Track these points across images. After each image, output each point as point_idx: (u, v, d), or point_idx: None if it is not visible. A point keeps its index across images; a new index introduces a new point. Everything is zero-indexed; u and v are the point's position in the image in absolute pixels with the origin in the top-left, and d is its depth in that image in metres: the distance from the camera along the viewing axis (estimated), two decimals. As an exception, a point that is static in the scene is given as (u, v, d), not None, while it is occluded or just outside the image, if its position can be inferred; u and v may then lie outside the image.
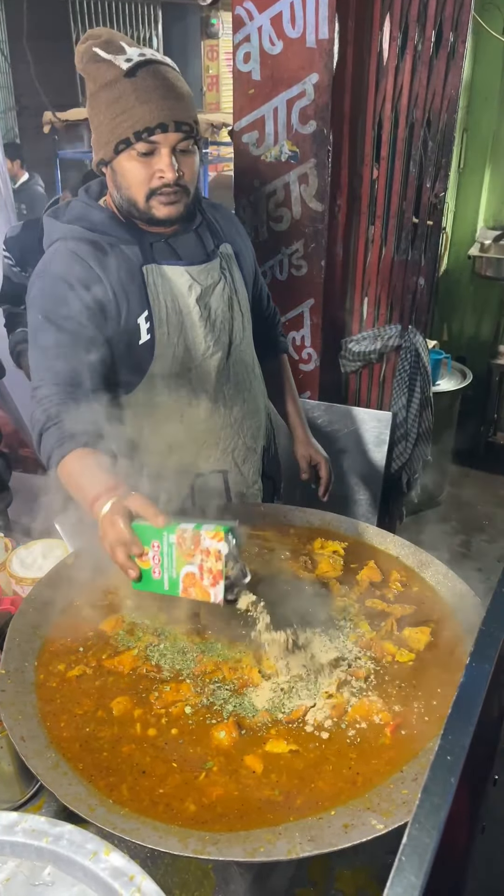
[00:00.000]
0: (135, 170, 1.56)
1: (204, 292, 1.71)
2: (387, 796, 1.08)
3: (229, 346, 1.80)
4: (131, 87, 1.50)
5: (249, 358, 1.88)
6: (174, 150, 1.54)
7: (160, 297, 1.66)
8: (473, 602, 1.46)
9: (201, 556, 1.20)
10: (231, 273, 1.79)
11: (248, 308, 1.84)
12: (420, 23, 2.57)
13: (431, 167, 2.72)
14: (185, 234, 1.72)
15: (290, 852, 0.99)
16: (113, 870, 0.96)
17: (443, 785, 0.72)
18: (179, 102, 1.53)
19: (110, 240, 1.64)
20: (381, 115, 2.72)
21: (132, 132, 1.51)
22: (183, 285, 1.69)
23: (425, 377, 3.05)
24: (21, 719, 1.20)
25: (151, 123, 1.50)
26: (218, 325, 1.76)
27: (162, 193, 1.57)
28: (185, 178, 1.58)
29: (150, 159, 1.54)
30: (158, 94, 1.50)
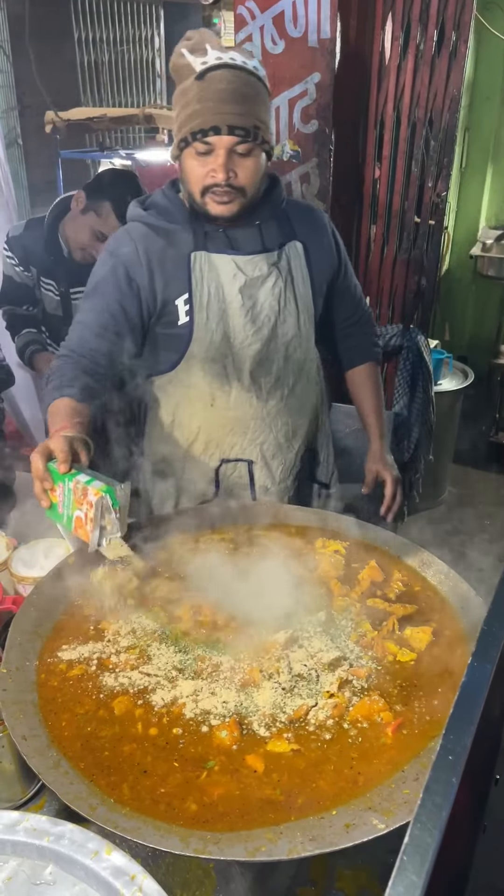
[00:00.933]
0: (193, 167, 1.66)
1: (249, 283, 1.77)
2: (388, 796, 1.08)
3: (271, 339, 1.82)
4: (197, 89, 1.59)
5: (300, 356, 1.89)
6: (230, 152, 1.62)
7: (203, 283, 1.75)
8: (475, 602, 1.46)
9: (86, 506, 1.40)
10: (291, 269, 1.82)
11: (309, 307, 1.86)
12: (422, 22, 2.57)
13: (433, 166, 2.72)
14: (246, 228, 1.77)
15: (292, 852, 0.99)
16: (114, 869, 0.96)
17: (444, 785, 0.71)
18: (239, 107, 1.59)
19: (168, 226, 1.76)
20: (382, 114, 2.72)
21: (190, 132, 1.61)
22: (228, 274, 1.76)
23: (427, 377, 3.05)
24: (22, 718, 1.20)
25: (206, 125, 1.59)
26: (262, 318, 1.80)
27: (214, 192, 1.66)
28: (238, 180, 1.65)
29: (207, 158, 1.63)
30: (219, 97, 1.58)
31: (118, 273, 1.75)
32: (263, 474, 1.95)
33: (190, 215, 1.76)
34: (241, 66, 1.60)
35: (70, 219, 2.65)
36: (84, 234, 2.57)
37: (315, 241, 1.87)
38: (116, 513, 1.42)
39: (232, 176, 1.64)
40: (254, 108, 1.62)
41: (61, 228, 2.69)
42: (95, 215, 2.53)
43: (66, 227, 2.67)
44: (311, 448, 2.05)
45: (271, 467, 1.96)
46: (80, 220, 2.59)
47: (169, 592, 1.52)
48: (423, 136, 2.69)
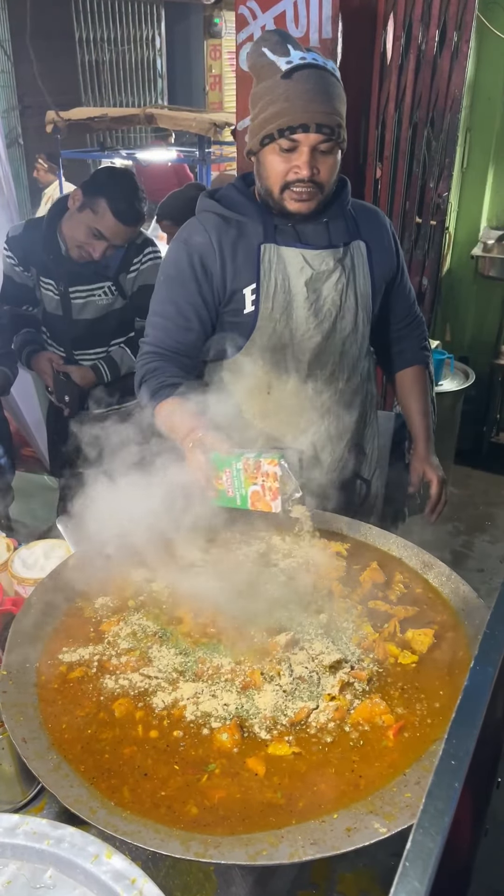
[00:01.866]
0: (275, 163, 1.69)
1: (315, 277, 1.80)
2: (390, 799, 1.07)
3: (331, 334, 1.86)
4: (285, 87, 1.62)
5: (355, 352, 1.93)
6: (314, 150, 1.65)
7: (271, 274, 1.79)
8: (477, 604, 1.45)
9: (262, 478, 1.49)
10: (354, 267, 1.86)
11: (368, 305, 1.90)
12: (424, 22, 2.57)
13: (435, 167, 2.72)
14: (315, 224, 1.81)
15: (293, 856, 0.98)
16: (114, 873, 0.96)
17: (447, 790, 0.71)
18: (325, 106, 1.62)
19: (240, 217, 1.80)
20: (384, 114, 2.71)
21: (277, 129, 1.64)
22: (295, 266, 1.80)
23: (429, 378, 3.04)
24: (23, 721, 1.19)
25: (294, 123, 1.62)
26: (324, 312, 1.83)
27: (295, 188, 1.69)
28: (320, 177, 1.69)
29: (290, 155, 1.67)
30: (307, 96, 1.61)
31: (193, 262, 1.80)
32: (312, 464, 1.98)
33: (261, 208, 1.80)
34: (322, 66, 1.65)
35: (67, 217, 2.65)
36: (80, 231, 2.57)
37: (377, 241, 1.91)
38: (285, 466, 1.51)
39: (315, 173, 1.68)
40: (337, 108, 1.66)
41: (60, 228, 2.68)
42: (91, 213, 2.53)
43: (63, 227, 2.67)
44: (359, 444, 2.08)
45: (321, 458, 1.99)
46: (76, 217, 2.58)
47: (169, 594, 1.51)
48: (424, 136, 2.69)
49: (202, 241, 1.80)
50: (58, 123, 4.90)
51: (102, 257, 2.60)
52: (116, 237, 2.56)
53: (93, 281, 2.72)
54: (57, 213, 2.70)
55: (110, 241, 2.56)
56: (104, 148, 5.41)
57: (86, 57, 7.25)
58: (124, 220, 2.53)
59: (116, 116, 5.30)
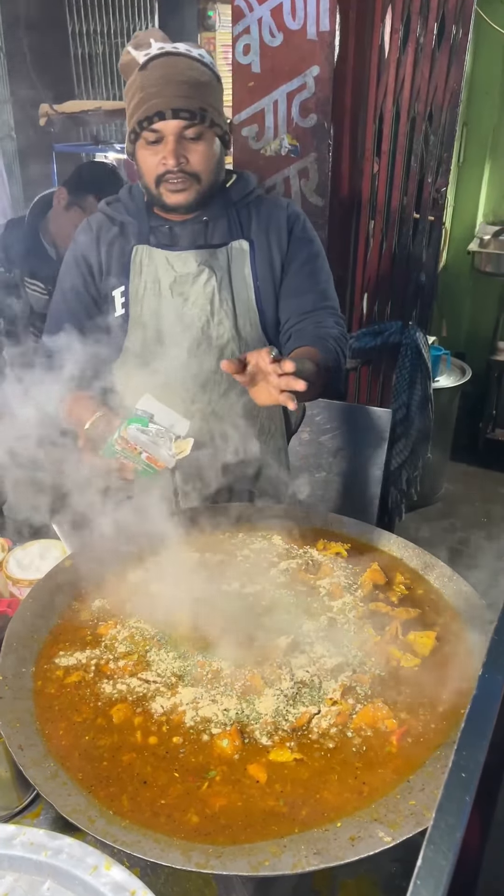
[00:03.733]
0: (145, 158, 1.65)
1: (179, 279, 1.73)
2: (394, 807, 1.05)
3: (202, 340, 1.75)
4: (141, 79, 1.58)
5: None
6: (180, 138, 1.60)
7: (141, 276, 1.75)
8: (479, 605, 1.43)
9: (139, 447, 1.52)
10: (230, 269, 1.75)
11: (249, 310, 1.78)
12: (422, 15, 2.54)
13: (433, 162, 2.70)
14: (193, 223, 1.74)
15: (296, 866, 0.96)
16: (114, 885, 0.94)
17: (458, 804, 0.69)
18: (181, 90, 1.56)
19: (123, 217, 1.78)
20: (382, 108, 2.69)
21: (137, 122, 1.60)
22: (161, 268, 1.74)
23: (426, 374, 3.03)
24: (19, 727, 1.17)
25: (151, 111, 1.57)
26: (191, 316, 1.75)
27: (167, 181, 1.64)
28: (190, 165, 1.63)
29: (157, 147, 1.62)
30: (161, 82, 1.56)
31: (78, 259, 1.82)
32: (193, 478, 1.83)
33: (144, 210, 1.77)
34: (184, 53, 1.60)
35: (54, 216, 2.61)
36: (70, 230, 2.53)
37: (265, 240, 1.77)
38: (151, 428, 1.53)
39: (183, 161, 1.62)
40: (199, 91, 1.59)
41: (43, 227, 2.64)
42: (80, 210, 2.50)
43: (50, 225, 2.63)
44: (253, 460, 1.89)
45: (202, 474, 1.82)
46: (64, 216, 2.55)
47: (167, 596, 1.49)
48: (422, 130, 2.66)
49: (85, 240, 1.82)
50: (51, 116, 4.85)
51: None
52: None
53: None
54: (38, 213, 2.67)
55: None
56: (98, 141, 5.35)
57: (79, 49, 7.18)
58: None
59: (111, 109, 5.25)
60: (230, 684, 1.26)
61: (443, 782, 0.71)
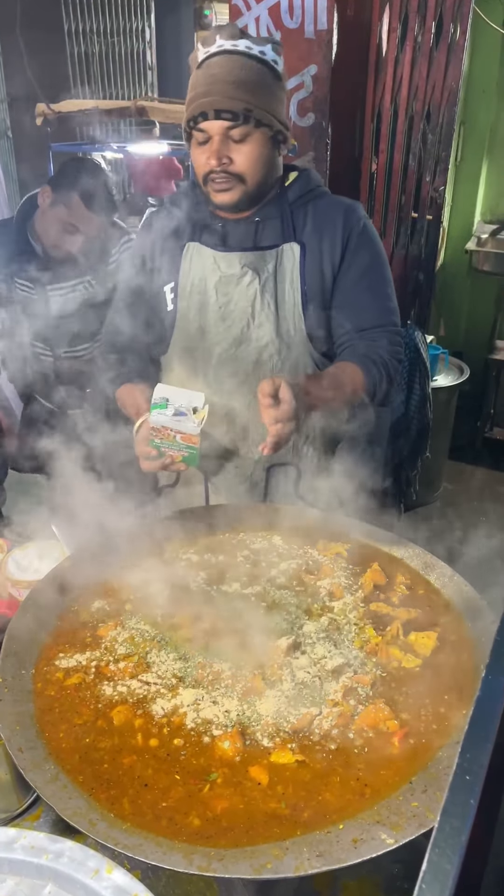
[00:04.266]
0: (196, 155, 1.67)
1: (224, 279, 1.74)
2: (396, 809, 1.05)
3: (241, 341, 1.76)
4: (195, 78, 1.60)
5: (276, 363, 1.77)
6: (226, 138, 1.60)
7: (190, 274, 1.77)
8: (480, 605, 1.43)
9: (171, 432, 1.62)
10: (277, 273, 1.74)
11: (294, 314, 1.75)
12: (420, 14, 2.54)
13: (431, 160, 2.70)
14: (246, 223, 1.75)
15: (298, 868, 0.96)
16: (115, 888, 0.93)
17: (462, 807, 0.69)
18: (227, 90, 1.56)
19: (179, 214, 1.79)
20: (380, 107, 2.68)
21: (186, 122, 1.62)
22: (209, 268, 1.75)
23: (424, 373, 3.03)
24: (19, 729, 1.17)
25: (196, 112, 1.59)
26: (233, 317, 1.76)
27: (213, 180, 1.65)
28: (234, 166, 1.63)
29: (205, 147, 1.63)
30: (209, 82, 1.57)
31: (135, 257, 1.87)
32: (220, 471, 1.92)
33: (198, 206, 1.78)
34: (242, 51, 1.57)
35: (40, 215, 2.61)
36: (55, 228, 2.53)
37: (317, 245, 1.74)
38: (169, 409, 1.62)
39: (227, 162, 1.62)
40: (245, 91, 1.57)
41: (31, 227, 2.64)
42: (65, 208, 2.49)
43: (37, 226, 2.62)
44: (294, 466, 1.92)
45: (227, 468, 1.90)
46: (49, 214, 2.54)
47: (168, 597, 1.48)
48: (420, 129, 2.66)
49: (143, 236, 1.87)
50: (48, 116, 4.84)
51: (80, 251, 2.57)
52: (92, 228, 2.53)
53: (72, 277, 2.68)
54: (26, 213, 2.66)
55: (86, 233, 2.53)
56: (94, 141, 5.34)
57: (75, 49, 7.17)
58: (98, 211, 2.50)
59: (107, 109, 5.24)
60: (231, 686, 1.26)
61: (447, 785, 0.70)
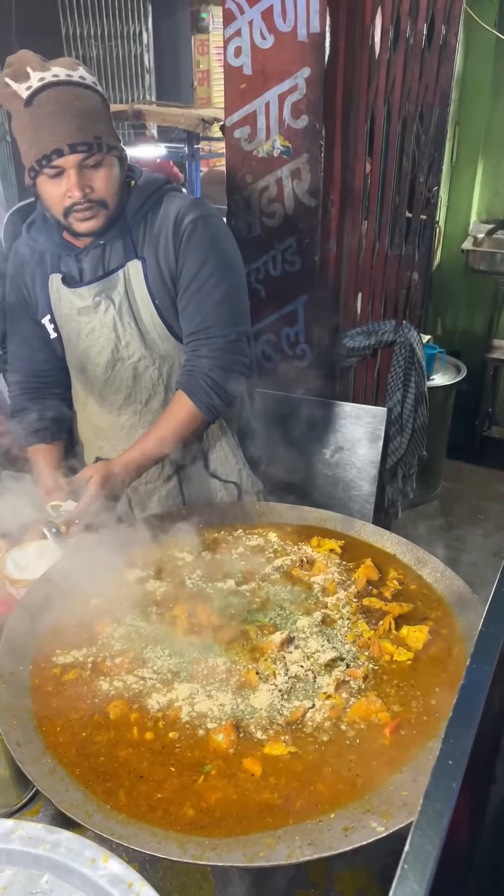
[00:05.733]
0: (49, 191, 1.65)
1: (82, 311, 1.80)
2: (387, 798, 1.07)
3: (114, 362, 1.83)
4: (28, 116, 1.57)
5: (153, 374, 1.86)
6: (81, 168, 1.60)
7: (60, 303, 1.83)
8: (471, 599, 1.45)
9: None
10: (128, 291, 1.78)
11: (156, 326, 1.81)
12: (412, 16, 2.55)
13: (424, 161, 2.71)
14: (94, 249, 1.77)
15: (290, 856, 0.98)
16: (111, 877, 0.95)
17: (445, 791, 0.70)
18: (73, 124, 1.56)
19: (39, 246, 1.83)
20: (373, 109, 2.70)
21: (34, 160, 1.60)
22: (68, 301, 1.80)
23: (420, 372, 3.04)
24: (17, 724, 1.19)
25: (48, 150, 1.57)
26: (101, 343, 1.82)
27: (76, 211, 1.65)
28: (95, 194, 1.64)
29: (60, 180, 1.62)
30: (52, 120, 1.55)
31: (14, 289, 1.88)
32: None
33: (57, 236, 1.80)
34: (65, 80, 1.57)
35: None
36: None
37: (154, 256, 1.77)
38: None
39: (88, 191, 1.63)
40: (90, 121, 1.59)
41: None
42: None
43: None
44: (199, 450, 1.99)
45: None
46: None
47: (163, 594, 1.50)
48: (413, 130, 2.67)
49: (17, 270, 1.88)
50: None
51: None
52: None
53: None
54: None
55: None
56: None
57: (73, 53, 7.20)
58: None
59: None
60: (225, 680, 1.28)
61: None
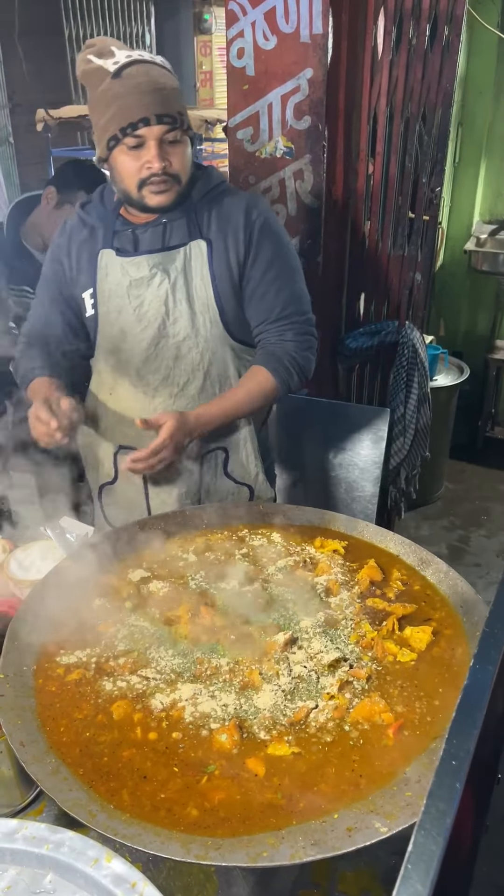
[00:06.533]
0: (126, 163, 1.70)
1: (134, 283, 1.81)
2: (390, 798, 1.07)
3: (159, 339, 1.84)
4: (117, 86, 1.63)
5: (195, 357, 1.86)
6: (161, 142, 1.66)
7: (107, 279, 1.83)
8: (475, 600, 1.45)
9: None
10: (187, 270, 1.80)
11: (208, 308, 1.82)
12: (414, 16, 2.55)
13: (427, 162, 2.71)
14: (155, 226, 1.80)
15: (294, 857, 0.98)
16: (115, 877, 0.95)
17: (448, 791, 0.70)
18: (161, 96, 1.63)
19: (94, 221, 1.87)
20: (375, 109, 2.70)
21: (118, 128, 1.65)
22: (120, 273, 1.82)
23: (423, 373, 3.04)
24: (20, 724, 1.19)
25: (134, 118, 1.63)
26: (148, 317, 1.82)
27: (152, 183, 1.70)
28: (173, 168, 1.70)
29: (139, 152, 1.68)
30: (141, 90, 1.62)
31: (54, 261, 1.92)
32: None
33: (113, 214, 1.85)
34: (150, 60, 1.66)
35: (44, 217, 2.62)
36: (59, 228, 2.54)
37: (222, 241, 1.80)
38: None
39: (167, 164, 1.69)
40: (175, 97, 1.67)
41: (25, 231, 2.65)
42: (71, 207, 2.51)
43: (40, 227, 2.64)
44: (222, 448, 1.98)
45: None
46: (55, 215, 2.56)
47: (166, 595, 1.51)
48: (416, 131, 2.67)
49: (60, 243, 1.91)
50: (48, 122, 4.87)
51: None
52: None
53: None
54: (18, 217, 2.68)
55: None
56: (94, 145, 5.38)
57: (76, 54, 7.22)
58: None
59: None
60: (229, 680, 1.28)
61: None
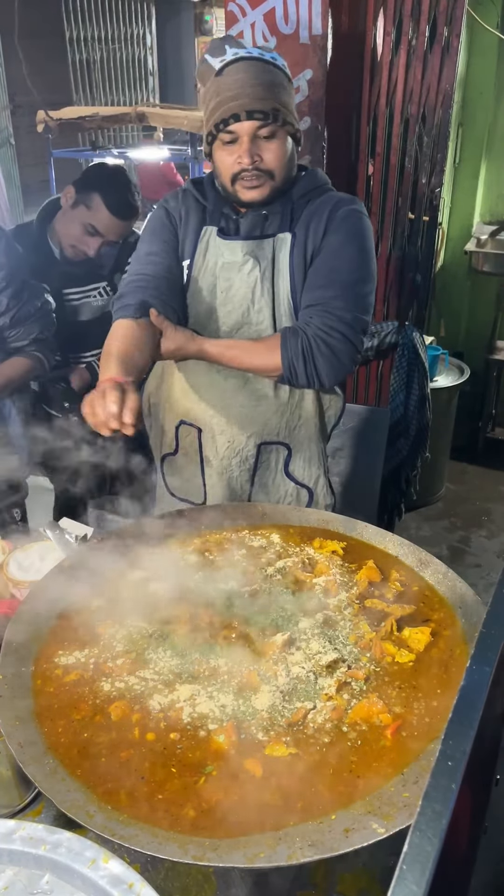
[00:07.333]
0: (222, 157, 1.75)
1: (226, 266, 1.83)
2: (388, 799, 1.07)
3: (241, 325, 1.86)
4: (217, 84, 1.68)
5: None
6: (255, 137, 1.69)
7: (205, 256, 1.86)
8: (473, 601, 1.45)
9: None
10: (274, 261, 1.83)
11: (289, 301, 1.85)
12: (414, 17, 2.56)
13: (427, 162, 2.71)
14: (255, 215, 1.82)
15: (291, 857, 0.98)
16: (112, 878, 0.95)
17: (444, 791, 0.70)
18: (255, 92, 1.66)
19: (203, 201, 1.90)
20: (375, 110, 2.71)
21: (213, 125, 1.71)
22: (216, 253, 1.84)
23: (423, 373, 3.05)
24: (18, 725, 1.19)
25: (227, 114, 1.67)
26: (235, 301, 1.84)
27: (243, 178, 1.73)
28: (264, 164, 1.72)
29: (233, 147, 1.71)
30: (236, 86, 1.66)
31: (163, 217, 1.92)
32: (209, 446, 1.99)
33: (220, 197, 1.86)
34: (257, 57, 1.68)
35: (61, 215, 2.64)
36: (75, 228, 2.55)
37: (304, 232, 1.83)
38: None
39: (258, 160, 1.71)
40: (272, 92, 1.68)
41: (51, 230, 2.67)
42: (86, 208, 2.52)
43: (56, 226, 2.66)
44: (283, 443, 1.99)
45: (217, 442, 1.97)
46: (69, 214, 2.57)
47: (165, 595, 1.51)
48: (416, 131, 2.68)
49: (174, 205, 1.93)
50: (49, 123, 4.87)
51: (97, 254, 2.59)
52: (111, 232, 2.55)
53: (87, 282, 2.71)
54: (47, 215, 2.69)
55: (105, 236, 2.55)
56: (95, 147, 5.38)
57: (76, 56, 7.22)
58: (118, 214, 2.52)
59: (108, 115, 5.28)
60: (227, 681, 1.28)
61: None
